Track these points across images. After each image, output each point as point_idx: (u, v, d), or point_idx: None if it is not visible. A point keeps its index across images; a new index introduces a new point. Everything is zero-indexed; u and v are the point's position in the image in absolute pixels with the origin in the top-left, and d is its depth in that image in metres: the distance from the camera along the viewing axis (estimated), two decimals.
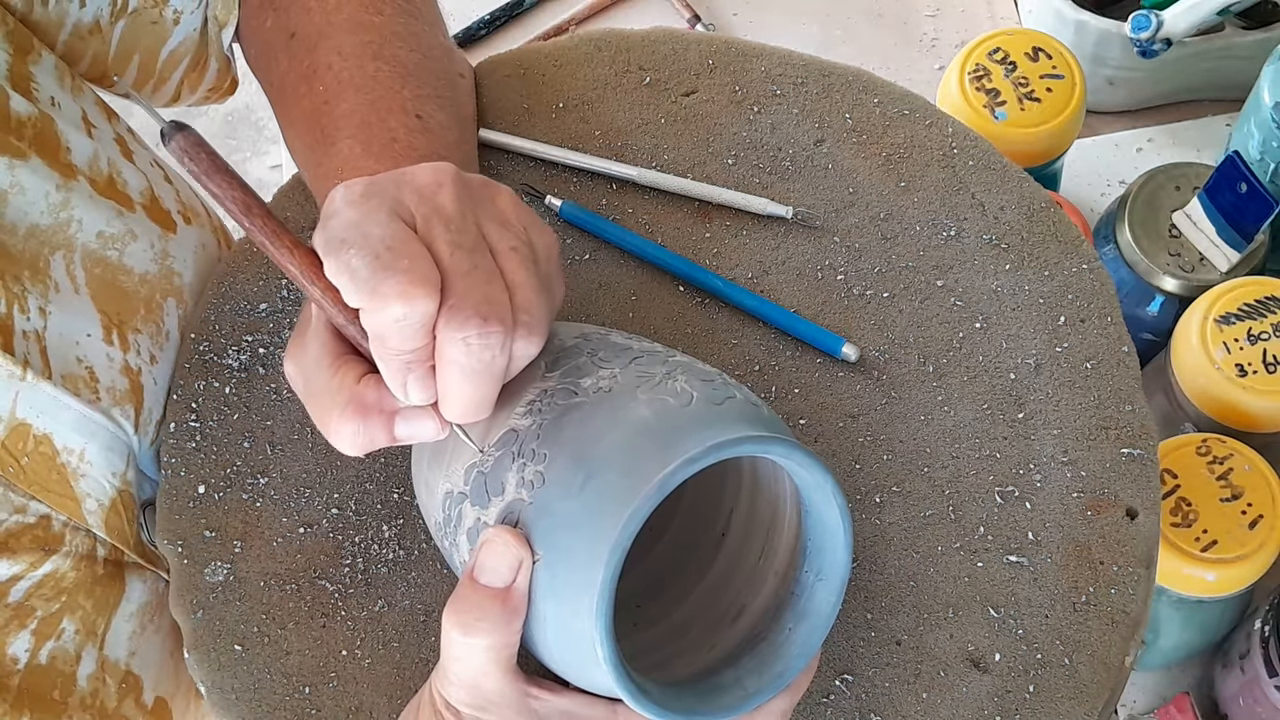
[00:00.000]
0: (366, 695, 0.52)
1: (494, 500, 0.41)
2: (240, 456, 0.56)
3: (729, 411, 0.41)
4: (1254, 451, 0.73)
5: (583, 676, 0.42)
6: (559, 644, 0.41)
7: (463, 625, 0.40)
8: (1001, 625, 0.52)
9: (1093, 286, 0.57)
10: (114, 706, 0.53)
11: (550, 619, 0.40)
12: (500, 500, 0.41)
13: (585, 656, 0.40)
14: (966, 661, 0.51)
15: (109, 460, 0.53)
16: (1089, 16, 0.91)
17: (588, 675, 0.41)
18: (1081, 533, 0.53)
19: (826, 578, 0.44)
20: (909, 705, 0.51)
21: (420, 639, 0.53)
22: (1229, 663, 0.78)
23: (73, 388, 0.51)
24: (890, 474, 0.54)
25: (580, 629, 0.39)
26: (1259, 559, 0.71)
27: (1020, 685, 0.51)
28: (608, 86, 0.63)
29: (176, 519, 0.55)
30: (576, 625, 0.39)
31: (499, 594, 0.40)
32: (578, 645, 0.40)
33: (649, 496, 0.38)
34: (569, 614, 0.40)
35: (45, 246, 0.52)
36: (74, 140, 0.54)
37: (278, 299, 0.59)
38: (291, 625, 0.53)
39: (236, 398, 0.57)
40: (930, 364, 0.56)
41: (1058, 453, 0.54)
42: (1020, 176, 0.59)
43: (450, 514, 0.43)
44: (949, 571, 0.53)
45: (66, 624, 0.51)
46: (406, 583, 0.53)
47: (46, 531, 0.51)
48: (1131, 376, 0.55)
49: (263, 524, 0.55)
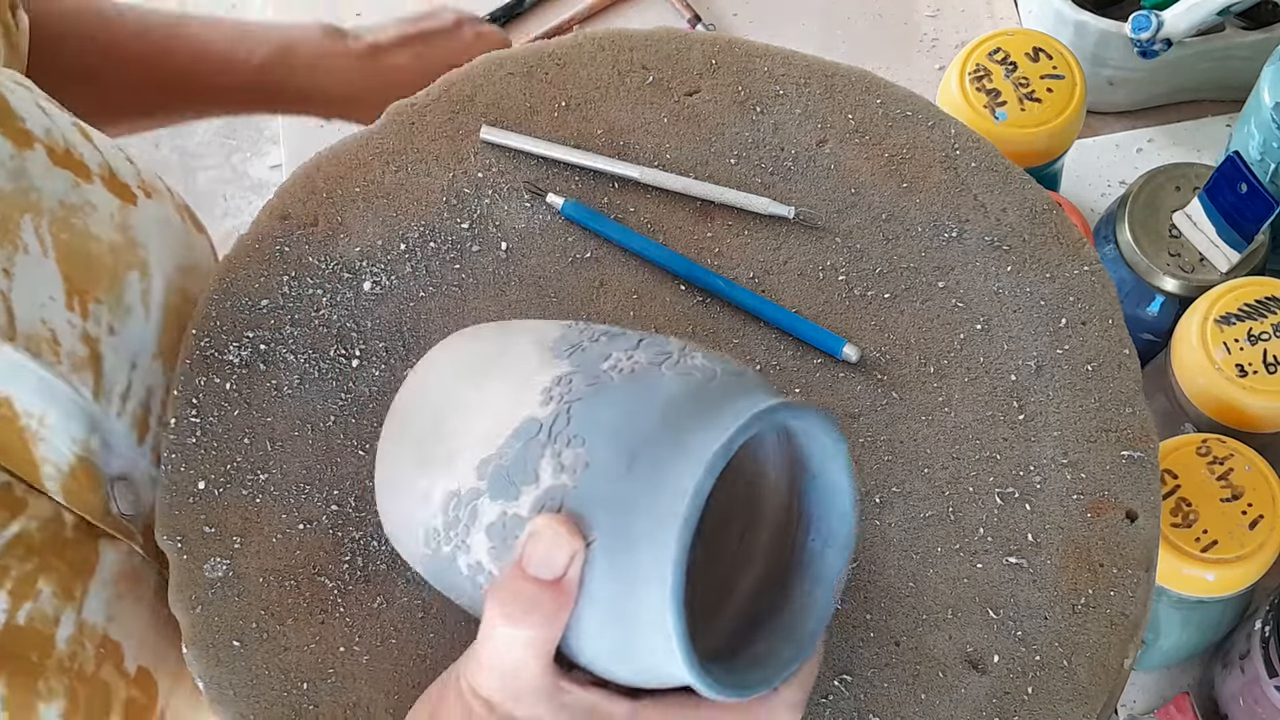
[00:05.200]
0: (364, 692, 0.52)
1: (525, 490, 0.41)
2: (240, 452, 0.56)
3: (750, 383, 0.42)
4: (1254, 452, 0.73)
5: (619, 664, 0.41)
6: (601, 630, 0.40)
7: (509, 617, 0.39)
8: (1001, 627, 0.52)
9: (1094, 289, 0.57)
10: (92, 670, 0.53)
11: (598, 603, 0.40)
12: (534, 488, 0.40)
13: (630, 642, 0.39)
14: (965, 663, 0.51)
15: (68, 426, 0.53)
16: (1089, 17, 0.91)
17: (628, 661, 0.41)
18: (1081, 535, 0.53)
19: (833, 543, 0.44)
20: (908, 706, 0.51)
21: (419, 636, 0.53)
22: (1229, 663, 0.78)
23: (35, 350, 0.51)
24: (890, 475, 0.54)
25: (633, 613, 0.39)
26: (1259, 559, 0.71)
27: (1019, 687, 0.51)
28: (611, 86, 0.63)
29: (176, 514, 0.55)
30: (630, 609, 0.39)
31: (550, 585, 0.39)
32: (625, 631, 0.39)
33: (711, 468, 0.37)
34: (622, 597, 0.39)
35: (15, 209, 0.52)
36: (29, 113, 0.55)
37: (279, 295, 0.59)
38: (290, 621, 0.53)
39: (237, 394, 0.57)
40: (931, 365, 0.56)
41: (1058, 454, 0.54)
42: (1022, 178, 0.59)
43: (457, 515, 0.43)
44: (948, 573, 0.53)
45: (43, 585, 0.51)
46: (405, 580, 0.53)
47: (9, 494, 0.51)
48: (1132, 379, 0.56)
49: (262, 520, 0.54)
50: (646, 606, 0.38)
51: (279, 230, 0.60)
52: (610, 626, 0.40)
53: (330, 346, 0.58)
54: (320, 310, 0.58)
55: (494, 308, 0.58)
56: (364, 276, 0.59)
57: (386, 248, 0.59)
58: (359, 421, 0.56)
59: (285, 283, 0.59)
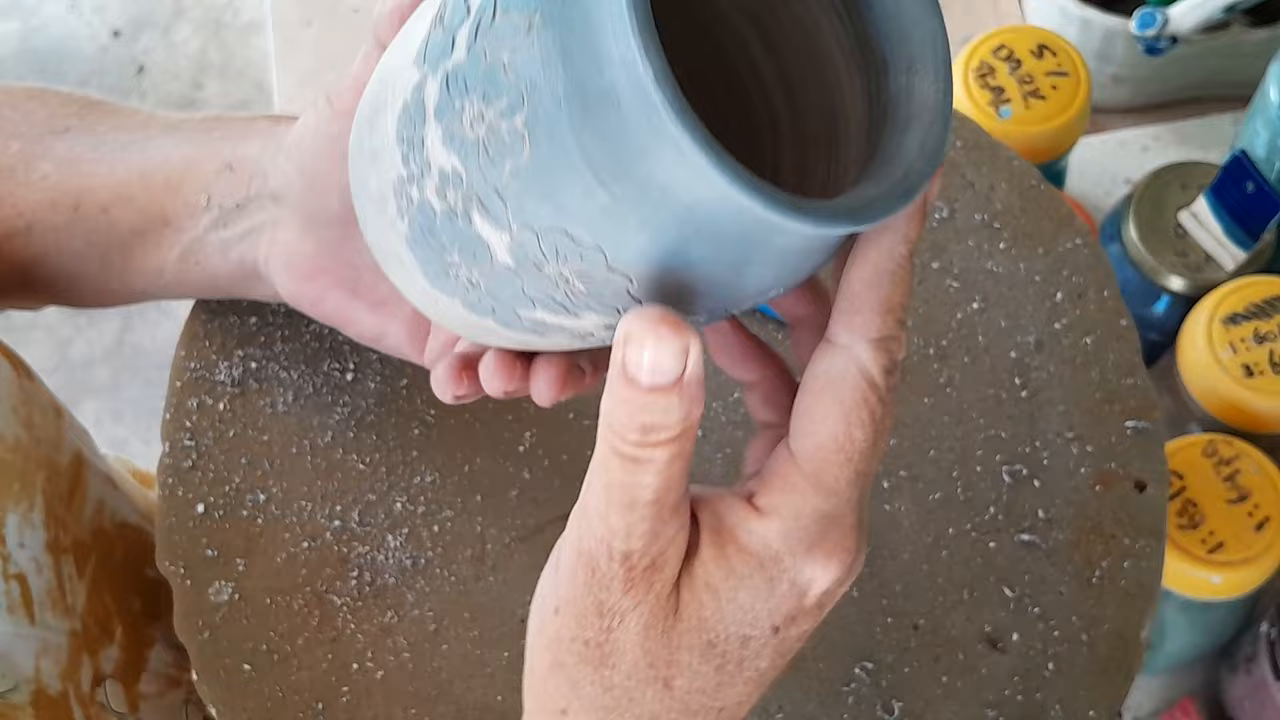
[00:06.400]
0: (381, 708, 0.51)
1: (460, 32, 0.31)
2: (238, 473, 0.55)
3: None
4: (1261, 453, 0.72)
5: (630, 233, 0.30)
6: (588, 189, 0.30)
7: (638, 438, 0.31)
8: (1018, 604, 0.52)
9: (1088, 262, 0.57)
10: None
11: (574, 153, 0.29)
12: (467, 23, 0.31)
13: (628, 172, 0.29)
14: (985, 642, 0.51)
15: None
16: (1094, 13, 0.91)
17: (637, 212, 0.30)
18: (1092, 508, 0.53)
19: (921, 69, 0.33)
20: (930, 689, 0.51)
21: (433, 647, 0.52)
22: (1235, 666, 0.77)
23: None
24: (897, 458, 0.54)
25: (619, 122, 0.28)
26: (1266, 561, 0.70)
27: (1039, 664, 0.51)
28: None
29: (176, 540, 0.53)
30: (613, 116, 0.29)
31: (673, 389, 0.30)
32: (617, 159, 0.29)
33: None
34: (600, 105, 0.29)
35: None
36: None
37: (267, 311, 0.58)
38: (301, 641, 0.52)
39: (231, 414, 0.56)
40: (931, 346, 0.56)
41: (1063, 429, 0.54)
42: (1009, 155, 0.59)
43: (410, 133, 0.32)
44: (962, 553, 0.53)
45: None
46: (415, 592, 0.53)
47: None
48: (1131, 350, 0.56)
49: (265, 540, 0.54)
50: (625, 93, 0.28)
51: None
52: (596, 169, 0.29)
53: (323, 360, 0.57)
54: (311, 324, 0.57)
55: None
56: None
57: None
58: (358, 435, 0.55)
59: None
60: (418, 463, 0.55)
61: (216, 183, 0.50)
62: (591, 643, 0.34)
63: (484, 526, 0.54)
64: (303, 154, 0.46)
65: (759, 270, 0.32)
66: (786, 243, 0.31)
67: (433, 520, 0.54)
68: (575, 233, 0.30)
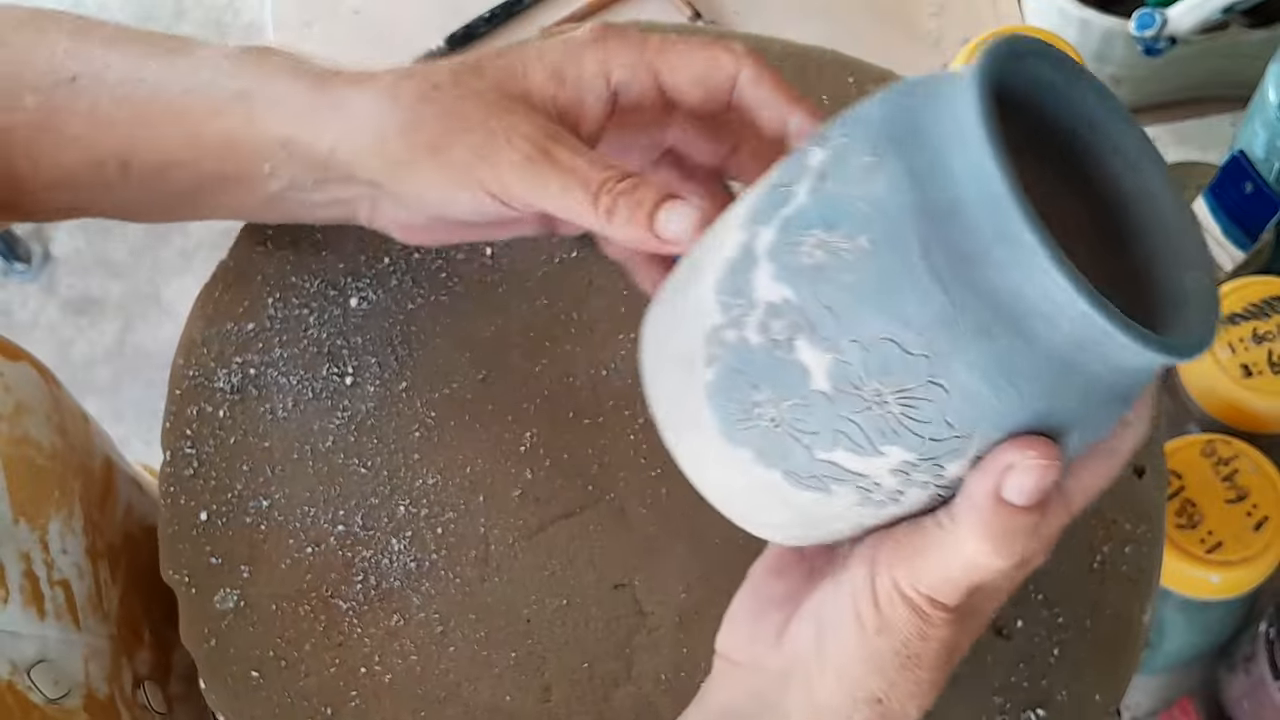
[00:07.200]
0: (390, 711, 0.51)
1: (797, 188, 0.35)
2: (240, 480, 0.55)
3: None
4: (1259, 453, 0.72)
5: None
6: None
7: (1004, 552, 0.36)
8: (1021, 591, 0.52)
9: None
10: None
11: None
12: (804, 183, 0.35)
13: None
14: (990, 629, 0.51)
15: None
16: (1093, 14, 0.90)
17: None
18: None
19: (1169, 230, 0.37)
20: None
21: (440, 649, 0.52)
22: (1233, 666, 0.77)
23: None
24: None
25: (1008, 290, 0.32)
26: (1264, 561, 0.70)
27: (1044, 650, 0.51)
28: None
29: (180, 548, 0.54)
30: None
31: (1035, 512, 0.35)
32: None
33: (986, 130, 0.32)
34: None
35: None
36: None
37: (265, 318, 0.58)
38: (307, 647, 0.52)
39: (231, 421, 0.56)
40: None
41: None
42: None
43: (734, 282, 0.36)
44: None
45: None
46: (420, 595, 0.53)
47: None
48: None
49: (269, 547, 0.54)
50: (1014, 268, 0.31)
51: (259, 254, 0.59)
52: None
53: (322, 366, 0.57)
54: (309, 330, 0.57)
55: (484, 313, 0.58)
56: (350, 293, 0.58)
57: (371, 262, 0.59)
58: (358, 439, 0.55)
59: (270, 305, 0.58)
60: (419, 465, 0.55)
61: (276, 157, 0.49)
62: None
63: (487, 527, 0.54)
64: (387, 153, 0.46)
65: (1073, 394, 0.34)
66: (1108, 365, 0.33)
67: (436, 522, 0.54)
68: (904, 339, 0.33)
